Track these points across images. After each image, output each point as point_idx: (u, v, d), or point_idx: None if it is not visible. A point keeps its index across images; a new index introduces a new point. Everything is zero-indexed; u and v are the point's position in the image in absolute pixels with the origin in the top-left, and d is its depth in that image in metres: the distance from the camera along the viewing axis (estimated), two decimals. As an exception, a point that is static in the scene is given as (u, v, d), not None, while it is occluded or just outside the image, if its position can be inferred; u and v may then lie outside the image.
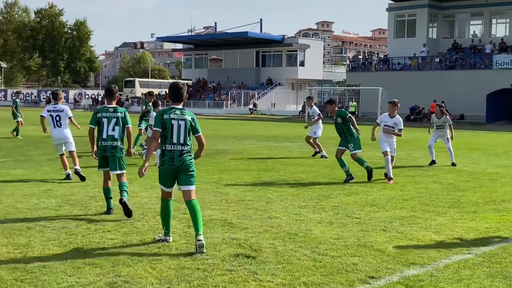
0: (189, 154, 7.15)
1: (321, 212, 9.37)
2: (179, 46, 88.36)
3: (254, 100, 64.53)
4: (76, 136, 13.99)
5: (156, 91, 78.58)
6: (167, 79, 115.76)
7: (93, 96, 76.68)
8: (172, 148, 7.07)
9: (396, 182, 12.65)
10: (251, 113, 61.35)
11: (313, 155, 18.12)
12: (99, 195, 10.40)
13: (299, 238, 7.57)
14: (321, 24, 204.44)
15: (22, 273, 5.92)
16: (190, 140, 7.19)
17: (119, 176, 9.15)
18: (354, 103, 54.98)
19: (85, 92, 77.46)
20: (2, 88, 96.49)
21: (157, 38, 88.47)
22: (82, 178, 12.17)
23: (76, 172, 12.22)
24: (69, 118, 12.71)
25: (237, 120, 47.64)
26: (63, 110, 12.61)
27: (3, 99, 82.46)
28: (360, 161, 13.00)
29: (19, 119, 24.45)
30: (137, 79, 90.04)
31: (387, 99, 17.91)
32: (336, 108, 13.27)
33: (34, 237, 7.39)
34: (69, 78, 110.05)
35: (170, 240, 7.33)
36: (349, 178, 12.78)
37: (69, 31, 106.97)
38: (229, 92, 67.18)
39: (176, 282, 5.76)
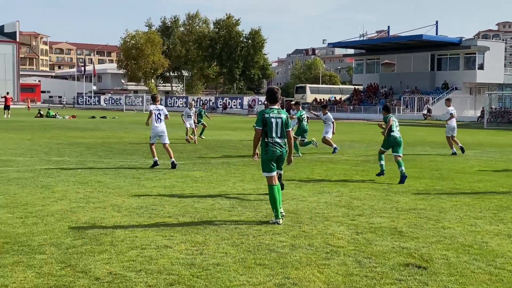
0: (285, 145, 8.77)
1: (499, 223, 8.83)
2: (351, 51, 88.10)
3: (428, 105, 62.47)
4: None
5: (326, 96, 79.20)
6: (337, 84, 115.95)
7: (265, 102, 79.04)
8: (272, 141, 8.63)
9: None
10: (425, 118, 59.42)
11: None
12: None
13: (474, 250, 7.21)
14: (502, 25, 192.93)
15: (198, 270, 6.25)
16: (285, 134, 8.74)
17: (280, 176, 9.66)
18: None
19: (258, 98, 79.96)
20: (184, 95, 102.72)
21: (329, 44, 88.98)
22: (174, 167, 15.11)
23: (173, 164, 15.16)
24: (165, 115, 15.73)
25: (409, 126, 46.38)
26: (162, 109, 15.73)
27: (184, 105, 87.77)
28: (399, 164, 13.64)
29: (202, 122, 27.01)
30: (308, 85, 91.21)
31: None
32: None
33: (210, 235, 7.78)
34: (243, 85, 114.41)
35: (280, 222, 8.47)
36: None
37: (245, 40, 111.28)
38: (402, 97, 65.67)
39: None
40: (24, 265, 6.30)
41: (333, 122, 21.26)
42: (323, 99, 76.32)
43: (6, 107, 49.86)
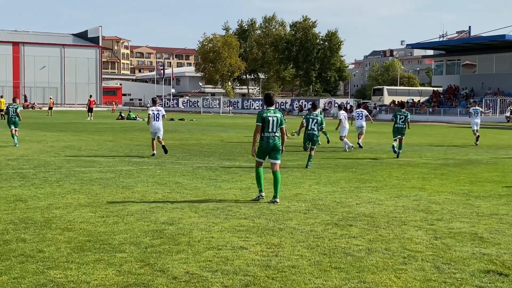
0: (279, 139, 10.71)
1: None
2: (430, 52, 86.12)
3: (511, 108, 60.21)
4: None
5: (404, 98, 77.70)
6: (416, 86, 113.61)
7: (341, 104, 78.41)
8: (268, 135, 10.56)
9: None
10: (508, 121, 57.31)
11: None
12: (346, 202, 10.62)
13: (560, 259, 6.89)
14: None
15: (273, 272, 6.28)
16: (279, 130, 10.66)
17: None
18: None
19: (334, 100, 79.45)
20: (260, 97, 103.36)
21: (407, 45, 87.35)
22: (166, 151, 18.75)
23: (163, 147, 18.78)
24: (163, 115, 19.16)
25: (491, 128, 44.91)
26: (160, 110, 19.15)
27: (260, 108, 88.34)
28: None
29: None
30: (385, 87, 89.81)
31: None
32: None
33: (285, 238, 7.79)
34: (320, 88, 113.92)
35: (263, 195, 10.70)
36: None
37: (321, 42, 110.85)
38: (484, 99, 63.61)
39: (421, 293, 5.64)
40: (105, 263, 6.51)
41: (340, 120, 22.64)
42: (401, 101, 74.97)
43: (90, 109, 51.75)
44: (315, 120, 16.96)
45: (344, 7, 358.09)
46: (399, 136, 19.49)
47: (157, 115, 18.91)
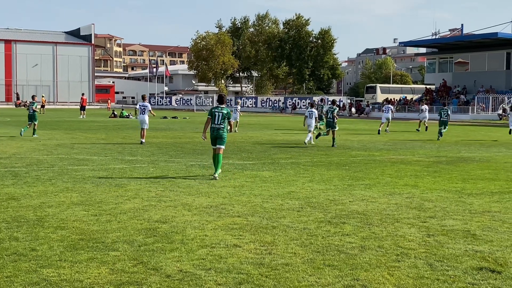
0: (222, 130, 13.40)
1: None
2: (422, 50, 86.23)
3: (503, 105, 60.40)
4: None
5: (397, 96, 77.85)
6: (409, 84, 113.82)
7: (312, 102, 78.42)
8: (214, 126, 13.44)
9: None
10: (500, 119, 57.50)
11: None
12: (339, 199, 10.64)
13: (552, 256, 6.93)
14: None
15: (267, 269, 6.29)
16: (224, 122, 13.42)
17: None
18: None
19: (327, 98, 79.39)
20: (253, 95, 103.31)
21: (400, 43, 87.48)
22: (141, 143, 22.26)
23: (141, 143, 22.21)
24: (149, 110, 23.09)
25: (483, 126, 45.09)
26: (146, 106, 23.15)
27: (254, 106, 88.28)
28: None
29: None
30: (378, 85, 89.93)
31: None
32: None
33: (278, 235, 7.80)
34: (313, 85, 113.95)
35: (216, 177, 13.04)
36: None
37: (314, 40, 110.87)
38: (476, 97, 63.78)
39: (414, 291, 5.66)
40: (98, 261, 6.50)
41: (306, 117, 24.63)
42: (394, 98, 75.13)
43: (82, 107, 51.59)
44: (332, 111, 23.53)
45: (337, 5, 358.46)
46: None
47: (143, 109, 23.10)
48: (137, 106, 23.70)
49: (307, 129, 24.33)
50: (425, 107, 38.15)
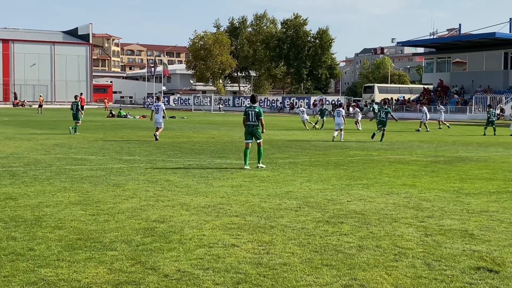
0: (257, 126, 15.35)
1: None
2: (420, 50, 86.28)
3: (501, 105, 60.48)
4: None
5: (395, 96, 77.89)
6: (407, 84, 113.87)
7: (333, 102, 78.52)
8: (249, 123, 15.37)
9: None
10: (498, 118, 57.47)
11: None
12: (337, 199, 10.65)
13: (549, 255, 6.94)
14: None
15: (265, 269, 6.28)
16: (258, 120, 15.32)
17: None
18: None
19: (325, 98, 79.39)
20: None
21: (398, 42, 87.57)
22: (156, 139, 23.73)
23: (155, 135, 23.97)
24: (163, 110, 24.59)
25: (481, 126, 45.07)
26: (160, 105, 24.74)
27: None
28: None
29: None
30: (376, 85, 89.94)
31: None
32: None
33: (276, 235, 7.80)
34: (311, 85, 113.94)
35: (246, 167, 15.00)
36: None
37: (312, 39, 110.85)
38: (474, 97, 63.83)
39: (412, 290, 5.66)
40: (96, 261, 6.50)
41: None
42: (392, 98, 75.19)
43: (80, 107, 51.48)
44: (387, 110, 26.83)
45: (335, 5, 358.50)
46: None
47: (157, 109, 24.67)
48: (152, 107, 25.44)
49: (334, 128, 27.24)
50: (424, 108, 39.63)
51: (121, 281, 5.82)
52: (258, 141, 15.38)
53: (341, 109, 27.94)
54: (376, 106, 33.38)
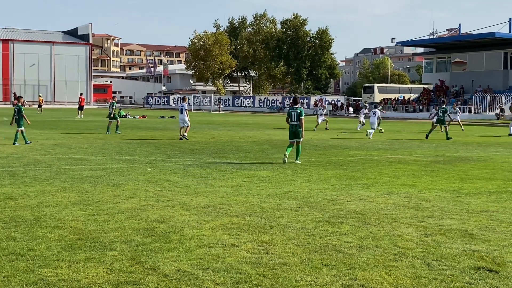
0: (299, 126, 16.34)
1: None
2: (420, 50, 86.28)
3: (501, 105, 60.51)
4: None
5: (395, 96, 77.89)
6: (406, 84, 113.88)
7: (332, 102, 78.50)
8: (292, 123, 16.43)
9: None
10: (498, 118, 57.59)
11: None
12: (337, 199, 10.65)
13: (549, 255, 6.94)
14: None
15: (265, 269, 6.28)
16: (298, 120, 16.33)
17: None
18: None
19: (325, 98, 79.36)
20: (251, 95, 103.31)
21: (397, 42, 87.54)
22: (182, 138, 24.78)
23: (184, 136, 24.92)
24: (186, 110, 25.47)
25: (481, 126, 45.11)
26: (183, 105, 25.82)
27: (251, 105, 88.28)
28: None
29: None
30: (376, 85, 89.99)
31: None
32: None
33: (276, 235, 7.80)
34: (310, 85, 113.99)
35: (285, 160, 16.21)
36: None
37: (312, 39, 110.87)
38: (473, 97, 63.84)
39: (412, 290, 5.66)
40: (96, 261, 6.50)
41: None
42: (391, 98, 75.22)
43: (80, 107, 51.52)
44: (444, 110, 28.63)
45: (335, 4, 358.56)
46: None
47: (181, 109, 25.79)
48: (178, 107, 27.41)
49: (370, 127, 29.16)
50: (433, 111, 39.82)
51: (121, 281, 5.82)
52: (298, 139, 16.49)
53: (377, 110, 30.62)
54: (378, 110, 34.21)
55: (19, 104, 22.68)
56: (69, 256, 6.67)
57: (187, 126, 25.36)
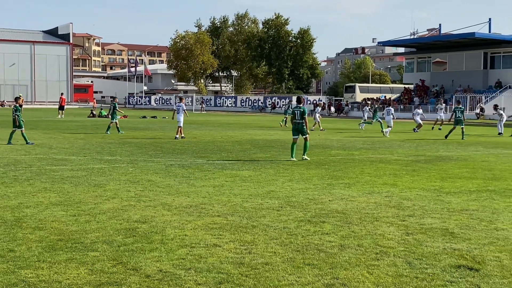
0: (302, 124, 17.10)
1: (555, 226, 8.57)
2: (401, 49, 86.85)
3: (481, 105, 61.09)
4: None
5: (376, 95, 78.31)
6: (387, 83, 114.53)
7: (314, 101, 78.68)
8: (296, 121, 17.16)
9: None
10: (478, 118, 58.14)
11: None
12: (319, 198, 10.68)
13: (528, 253, 7.02)
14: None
15: (247, 269, 6.28)
16: (302, 118, 17.07)
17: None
18: None
19: (307, 98, 79.51)
20: (233, 95, 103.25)
21: (379, 42, 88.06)
22: (176, 138, 25.15)
23: (181, 137, 25.48)
24: (184, 110, 26.10)
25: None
26: (181, 106, 26.24)
27: (233, 105, 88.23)
28: None
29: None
30: (357, 84, 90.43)
31: None
32: None
33: (258, 235, 7.80)
34: (292, 85, 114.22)
35: (292, 158, 17.10)
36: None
37: (294, 39, 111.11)
38: (454, 96, 64.34)
39: (394, 289, 5.69)
40: (77, 262, 6.45)
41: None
42: (373, 98, 75.61)
43: (61, 107, 51.15)
44: (461, 110, 29.34)
45: (316, 4, 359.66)
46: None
47: (178, 109, 26.11)
48: (174, 107, 27.42)
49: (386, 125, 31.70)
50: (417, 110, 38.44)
51: (103, 282, 5.78)
52: (304, 136, 17.25)
53: (390, 108, 32.89)
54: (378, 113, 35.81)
55: (16, 104, 22.50)
56: (50, 257, 6.61)
57: (181, 126, 25.83)
